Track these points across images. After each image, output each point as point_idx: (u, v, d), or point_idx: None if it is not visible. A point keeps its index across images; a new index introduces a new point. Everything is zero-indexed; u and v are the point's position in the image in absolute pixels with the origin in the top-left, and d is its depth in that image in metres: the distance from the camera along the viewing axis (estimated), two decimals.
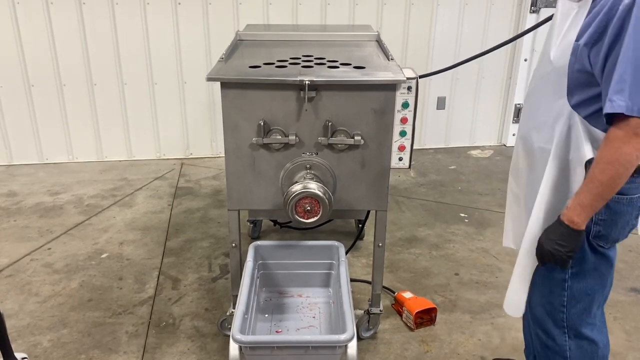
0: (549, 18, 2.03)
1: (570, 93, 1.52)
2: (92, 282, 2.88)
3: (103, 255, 3.14)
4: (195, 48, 4.34)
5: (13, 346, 2.36)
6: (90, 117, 4.41)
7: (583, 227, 1.51)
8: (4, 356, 1.79)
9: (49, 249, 3.20)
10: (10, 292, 2.78)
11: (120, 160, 4.55)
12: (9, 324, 2.53)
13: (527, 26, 4.46)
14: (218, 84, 2.00)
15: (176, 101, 4.48)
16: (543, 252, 1.58)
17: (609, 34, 1.38)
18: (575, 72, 1.49)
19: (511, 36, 2.81)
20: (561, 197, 1.60)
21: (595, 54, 1.43)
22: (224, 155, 2.12)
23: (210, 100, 4.50)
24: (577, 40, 1.47)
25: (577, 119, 1.52)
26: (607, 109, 1.37)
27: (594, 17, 1.43)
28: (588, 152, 1.50)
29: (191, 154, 4.65)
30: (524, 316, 1.88)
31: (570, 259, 1.55)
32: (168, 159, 4.61)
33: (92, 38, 4.21)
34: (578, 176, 1.53)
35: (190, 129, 4.58)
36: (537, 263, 1.68)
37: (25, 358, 2.20)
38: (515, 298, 1.76)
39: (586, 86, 1.48)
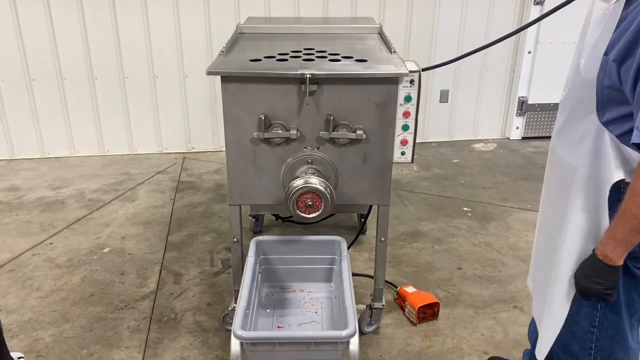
0: (554, 10, 1.98)
1: (600, 109, 1.37)
2: (94, 277, 2.88)
3: (105, 250, 3.14)
4: (196, 41, 4.32)
5: (15, 341, 2.38)
6: (92, 111, 4.40)
7: (619, 263, 1.36)
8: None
9: (51, 243, 3.20)
10: (12, 287, 2.78)
11: (122, 155, 4.54)
12: (10, 319, 2.53)
13: (531, 18, 4.44)
14: (219, 77, 1.98)
15: (177, 95, 4.46)
16: (580, 289, 1.46)
17: None
18: (605, 88, 1.34)
19: (515, 28, 2.78)
20: (595, 227, 1.46)
21: (625, 71, 1.27)
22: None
23: (212, 94, 4.48)
24: (606, 53, 1.31)
25: (607, 137, 1.38)
26: (636, 138, 1.23)
27: (625, 30, 1.27)
28: (618, 174, 1.37)
29: (193, 147, 4.64)
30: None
31: (610, 296, 1.41)
32: (170, 153, 4.60)
33: (92, 31, 4.19)
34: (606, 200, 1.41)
35: (191, 123, 4.57)
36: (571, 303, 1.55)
37: (22, 358, 2.20)
38: (546, 343, 1.59)
39: (618, 103, 1.33)
